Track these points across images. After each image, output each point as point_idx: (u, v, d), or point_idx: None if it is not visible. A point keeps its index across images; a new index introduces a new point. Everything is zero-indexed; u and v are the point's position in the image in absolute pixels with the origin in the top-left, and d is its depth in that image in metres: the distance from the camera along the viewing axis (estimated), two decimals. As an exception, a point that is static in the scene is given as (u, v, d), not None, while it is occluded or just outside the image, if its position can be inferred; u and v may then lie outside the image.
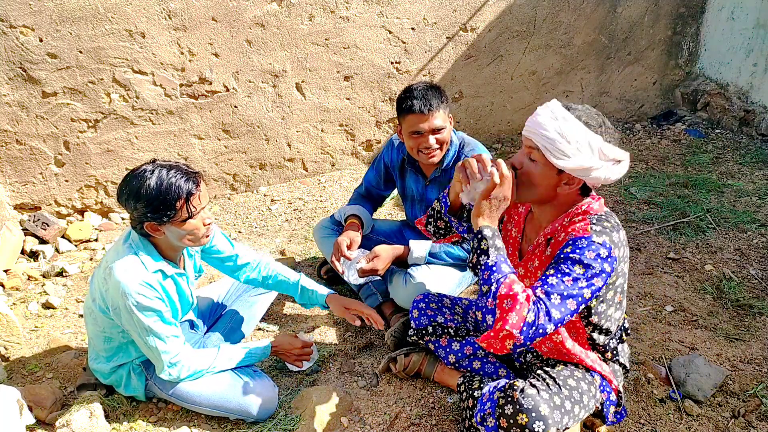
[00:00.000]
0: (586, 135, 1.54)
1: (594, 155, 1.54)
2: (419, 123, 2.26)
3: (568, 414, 1.67)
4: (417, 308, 2.19)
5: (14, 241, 3.17)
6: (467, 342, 2.12)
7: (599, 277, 1.55)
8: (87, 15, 3.13)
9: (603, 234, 1.57)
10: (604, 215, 1.65)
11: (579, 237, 1.57)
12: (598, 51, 4.56)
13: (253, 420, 2.07)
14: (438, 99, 2.26)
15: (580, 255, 1.54)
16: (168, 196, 1.74)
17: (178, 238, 1.86)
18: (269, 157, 3.94)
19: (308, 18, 3.63)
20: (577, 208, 1.67)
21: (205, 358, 2.01)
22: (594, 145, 1.54)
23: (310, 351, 2.19)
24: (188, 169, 1.81)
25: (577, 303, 1.54)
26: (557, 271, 1.55)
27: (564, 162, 1.54)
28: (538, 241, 1.74)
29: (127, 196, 1.78)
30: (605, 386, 1.82)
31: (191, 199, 1.78)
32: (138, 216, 1.79)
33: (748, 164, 4.13)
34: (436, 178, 2.52)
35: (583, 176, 1.57)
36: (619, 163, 1.59)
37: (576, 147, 1.53)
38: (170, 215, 1.77)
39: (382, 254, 2.43)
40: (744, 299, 2.71)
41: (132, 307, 1.80)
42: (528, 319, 1.48)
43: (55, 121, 3.30)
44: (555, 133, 1.54)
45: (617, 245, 1.59)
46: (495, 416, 1.65)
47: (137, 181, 1.76)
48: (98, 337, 2.02)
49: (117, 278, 1.79)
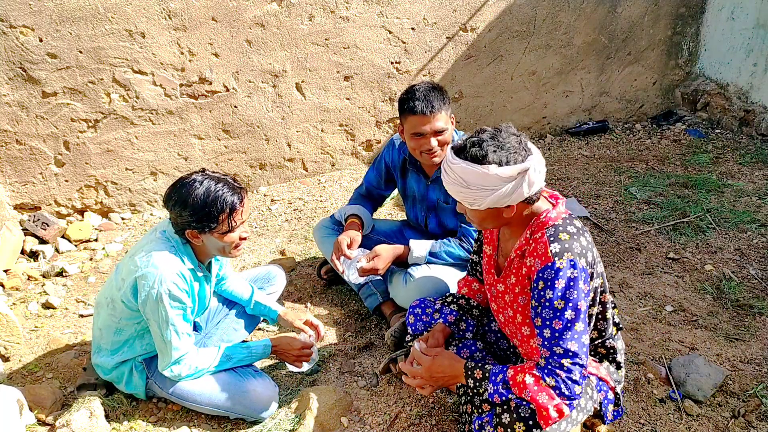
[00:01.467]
0: (479, 172, 1.54)
1: (497, 185, 1.55)
2: (421, 125, 2.26)
3: (567, 419, 1.67)
4: (413, 314, 2.18)
5: (14, 241, 3.17)
6: (464, 345, 2.11)
7: (582, 300, 1.59)
8: (87, 15, 3.13)
9: (564, 252, 1.58)
10: (561, 224, 1.64)
11: (543, 267, 1.59)
12: (598, 51, 4.56)
13: (253, 420, 2.07)
14: (440, 100, 2.26)
15: (553, 290, 1.58)
16: (213, 208, 1.83)
17: (214, 247, 1.94)
18: (269, 157, 3.94)
19: (308, 18, 3.63)
20: (536, 218, 1.68)
21: (207, 357, 2.02)
22: (488, 177, 1.54)
23: (309, 352, 2.20)
24: (235, 184, 1.89)
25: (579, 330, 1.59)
26: (543, 319, 1.61)
27: (481, 204, 1.59)
28: (511, 258, 1.76)
29: (174, 202, 1.85)
30: (602, 386, 1.82)
31: (234, 214, 1.87)
32: (182, 222, 1.87)
33: (748, 164, 4.13)
34: (438, 178, 2.51)
35: (506, 203, 1.59)
36: (526, 173, 1.56)
37: (479, 188, 1.56)
38: (212, 227, 1.86)
39: (382, 254, 2.43)
40: (744, 299, 2.71)
41: (162, 295, 1.85)
42: (550, 384, 1.57)
43: (55, 121, 3.30)
44: (458, 187, 1.60)
45: (582, 254, 1.60)
46: (493, 425, 1.66)
47: (186, 189, 1.84)
48: (109, 328, 2.03)
49: (156, 264, 1.85)
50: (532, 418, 1.59)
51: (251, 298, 2.38)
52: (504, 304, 1.84)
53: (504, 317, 1.88)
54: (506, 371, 1.66)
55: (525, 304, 1.74)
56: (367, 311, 2.73)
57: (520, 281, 1.72)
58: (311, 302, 2.84)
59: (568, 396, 1.58)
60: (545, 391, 1.57)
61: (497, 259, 1.89)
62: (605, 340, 1.85)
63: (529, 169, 1.56)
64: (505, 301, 1.83)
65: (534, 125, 4.69)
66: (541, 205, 1.68)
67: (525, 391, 1.59)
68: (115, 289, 1.98)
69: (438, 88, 2.29)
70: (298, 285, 2.96)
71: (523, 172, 1.56)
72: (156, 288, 1.84)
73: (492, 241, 1.91)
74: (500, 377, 1.65)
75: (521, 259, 1.72)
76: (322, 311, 2.77)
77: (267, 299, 2.40)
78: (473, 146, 1.58)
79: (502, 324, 1.94)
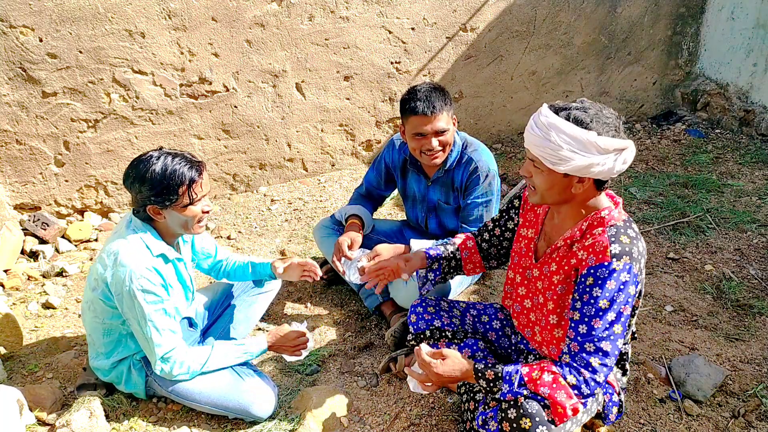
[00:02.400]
0: (579, 135, 1.51)
1: (591, 152, 1.51)
2: (422, 125, 2.26)
3: (571, 419, 1.67)
4: (414, 313, 2.18)
5: (14, 241, 3.17)
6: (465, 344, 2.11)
7: (627, 304, 1.58)
8: (87, 15, 3.13)
9: (623, 255, 1.56)
10: (623, 226, 1.62)
11: (599, 265, 1.57)
12: (598, 51, 4.56)
13: (252, 420, 2.07)
14: (442, 101, 2.25)
15: (602, 289, 1.56)
16: (171, 181, 1.84)
17: (177, 224, 1.94)
18: (269, 157, 3.94)
19: (308, 18, 3.63)
20: (596, 213, 1.65)
21: (199, 355, 2.01)
22: (588, 142, 1.51)
23: (305, 339, 2.20)
24: (192, 158, 1.91)
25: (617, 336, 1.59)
26: (583, 315, 1.59)
27: (563, 167, 1.54)
28: (557, 245, 1.73)
29: (132, 179, 1.87)
30: (607, 388, 1.82)
31: (193, 186, 1.88)
32: (141, 198, 1.87)
33: (748, 164, 4.13)
34: (439, 179, 2.52)
35: (587, 174, 1.55)
36: (622, 152, 1.54)
37: (570, 150, 1.52)
38: (172, 200, 1.86)
39: (383, 253, 2.42)
40: (744, 299, 2.71)
41: (135, 291, 1.84)
42: (570, 382, 1.56)
43: (55, 121, 3.30)
44: (546, 142, 1.54)
45: (637, 259, 1.58)
46: (497, 420, 1.64)
47: (143, 165, 1.85)
48: (97, 331, 2.03)
49: (123, 262, 1.84)
50: (538, 415, 1.59)
51: (248, 264, 2.39)
52: (535, 290, 1.82)
53: (531, 303, 1.86)
54: (520, 370, 1.64)
55: (562, 294, 1.72)
56: (367, 311, 2.73)
57: (564, 270, 1.70)
58: (311, 302, 2.84)
59: (587, 396, 1.57)
60: (564, 389, 1.56)
61: (537, 243, 1.86)
62: (623, 345, 1.85)
63: (627, 149, 1.55)
64: (536, 288, 1.81)
65: (534, 125, 4.68)
66: (603, 200, 1.67)
67: (542, 388, 1.58)
68: (89, 291, 1.98)
69: (440, 88, 2.29)
70: (298, 285, 2.96)
71: (620, 150, 1.54)
72: (128, 284, 1.84)
73: (536, 224, 1.87)
74: (516, 377, 1.63)
75: (569, 249, 1.69)
76: (322, 311, 2.77)
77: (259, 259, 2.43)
78: (577, 109, 1.56)
79: (519, 312, 1.91)
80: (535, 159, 1.61)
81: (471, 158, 2.42)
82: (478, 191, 2.42)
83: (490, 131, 4.53)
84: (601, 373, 1.57)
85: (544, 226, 1.85)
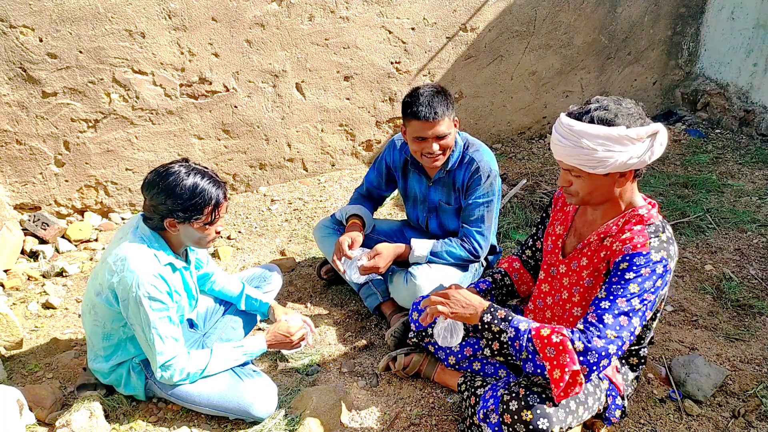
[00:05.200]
0: (609, 133, 1.49)
1: (626, 145, 1.50)
2: (424, 129, 2.26)
3: (572, 414, 1.68)
4: (417, 310, 2.19)
5: (14, 241, 3.17)
6: (467, 343, 2.12)
7: (654, 294, 1.57)
8: (87, 15, 3.13)
9: (661, 250, 1.57)
10: (661, 225, 1.63)
11: (637, 253, 1.57)
12: (598, 51, 4.56)
13: (252, 420, 2.07)
14: (444, 106, 2.25)
15: (636, 273, 1.56)
16: (200, 199, 1.86)
17: (189, 238, 1.95)
18: (269, 157, 3.94)
19: (308, 18, 3.63)
20: (633, 210, 1.66)
21: (199, 361, 2.00)
22: (621, 137, 1.49)
23: (304, 332, 2.20)
24: (218, 178, 1.93)
25: (636, 319, 1.56)
26: (609, 293, 1.57)
27: (603, 168, 1.53)
28: (590, 239, 1.73)
29: (159, 189, 1.85)
30: (611, 390, 1.82)
31: (219, 208, 1.91)
32: (162, 210, 1.86)
33: (748, 164, 4.13)
34: (440, 179, 2.52)
35: (628, 168, 1.55)
36: (656, 136, 1.54)
37: (605, 150, 1.50)
38: (196, 217, 1.88)
39: (383, 252, 2.43)
40: (744, 299, 2.71)
41: (142, 298, 1.84)
42: (578, 348, 1.52)
43: (55, 121, 3.30)
44: (580, 150, 1.52)
45: (672, 258, 1.60)
46: (499, 412, 1.65)
47: (173, 179, 1.84)
48: (97, 335, 2.02)
49: (131, 268, 1.84)
50: (539, 407, 1.60)
51: (242, 293, 2.37)
52: (559, 286, 1.82)
53: (553, 300, 1.86)
54: (531, 322, 1.63)
55: (589, 287, 1.72)
56: (367, 311, 2.73)
57: (594, 264, 1.70)
58: (311, 302, 2.84)
59: (592, 365, 1.52)
60: (569, 353, 1.52)
61: (566, 240, 1.85)
62: (641, 348, 1.85)
63: (659, 132, 1.54)
64: (561, 284, 1.81)
65: (534, 125, 4.69)
66: (638, 199, 1.68)
67: (548, 348, 1.54)
68: (93, 295, 1.98)
69: (442, 92, 2.28)
70: (298, 285, 2.96)
71: (653, 135, 1.53)
72: (134, 291, 1.83)
73: (566, 221, 1.87)
74: (525, 325, 1.61)
75: (600, 242, 1.69)
76: (322, 311, 2.77)
77: (258, 294, 2.40)
78: (597, 110, 1.54)
79: (541, 309, 1.91)
80: (572, 168, 1.60)
81: (473, 158, 2.42)
82: (480, 191, 2.42)
83: (490, 131, 4.53)
84: (613, 347, 1.53)
85: (574, 223, 1.84)
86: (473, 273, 2.69)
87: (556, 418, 1.62)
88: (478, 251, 2.48)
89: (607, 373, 1.81)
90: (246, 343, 2.12)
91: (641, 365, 1.87)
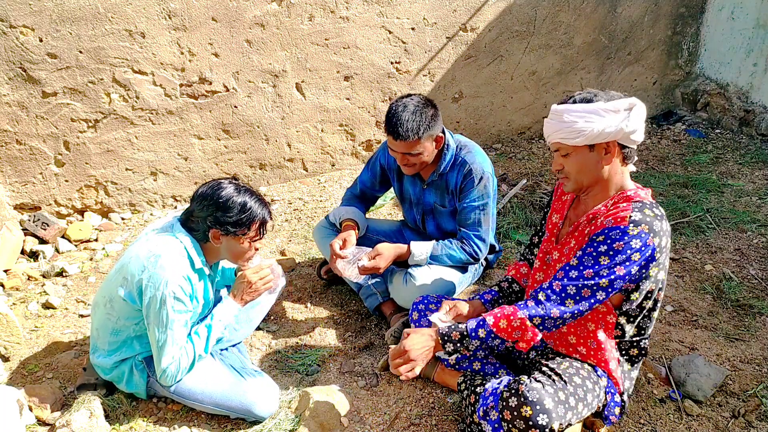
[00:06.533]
0: (588, 107, 1.62)
1: (604, 116, 1.60)
2: (396, 145, 2.32)
3: (572, 410, 1.68)
4: (416, 310, 2.19)
5: (14, 241, 3.17)
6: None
7: (626, 268, 1.60)
8: (87, 15, 3.13)
9: (641, 223, 1.60)
10: (649, 204, 1.67)
11: (615, 227, 1.61)
12: (598, 51, 4.56)
13: (253, 419, 2.07)
14: (424, 126, 2.25)
15: (608, 247, 1.61)
16: (251, 215, 1.95)
17: (229, 251, 2.02)
18: (269, 157, 3.94)
19: (308, 18, 3.63)
20: (623, 191, 1.71)
21: (190, 351, 2.00)
22: (598, 109, 1.61)
23: (268, 270, 2.17)
24: (265, 200, 2.04)
25: (601, 293, 1.63)
26: (580, 263, 1.65)
27: (584, 137, 1.62)
28: (579, 222, 1.78)
29: (211, 201, 1.93)
30: (610, 388, 1.82)
31: (265, 225, 2.02)
32: (212, 222, 1.94)
33: (748, 164, 4.13)
34: (434, 182, 2.52)
35: (608, 138, 1.62)
36: (633, 109, 1.62)
37: (585, 121, 1.61)
38: (243, 232, 1.96)
39: (384, 252, 2.43)
40: (744, 299, 2.71)
41: (167, 297, 1.86)
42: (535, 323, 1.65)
43: (55, 121, 3.30)
44: (561, 124, 1.64)
45: (657, 233, 1.61)
46: (498, 409, 1.66)
47: (226, 192, 1.94)
48: (106, 328, 2.03)
49: (164, 266, 1.87)
50: (539, 403, 1.61)
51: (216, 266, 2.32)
52: (553, 273, 1.84)
53: None
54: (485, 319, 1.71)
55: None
56: (367, 311, 2.73)
57: (580, 243, 1.74)
58: (311, 302, 2.84)
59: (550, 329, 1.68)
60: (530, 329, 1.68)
61: (560, 227, 1.92)
62: (642, 339, 1.85)
63: (635, 105, 1.63)
64: (555, 271, 1.83)
65: (534, 125, 4.69)
66: (628, 183, 1.74)
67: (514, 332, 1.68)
68: (114, 287, 1.97)
69: (425, 110, 2.27)
70: (298, 285, 2.96)
71: (629, 108, 1.62)
72: (162, 290, 1.86)
73: (562, 210, 1.93)
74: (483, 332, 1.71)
75: (588, 223, 1.74)
76: (322, 311, 2.77)
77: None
78: (580, 94, 1.68)
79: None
80: (559, 147, 1.70)
81: (465, 160, 2.42)
82: (474, 194, 2.42)
83: (490, 131, 4.53)
84: (568, 315, 1.65)
85: (569, 212, 1.90)
86: (472, 273, 2.69)
87: (556, 414, 1.62)
88: (478, 254, 2.48)
89: (609, 367, 1.81)
90: (216, 312, 2.10)
91: (642, 356, 1.87)
